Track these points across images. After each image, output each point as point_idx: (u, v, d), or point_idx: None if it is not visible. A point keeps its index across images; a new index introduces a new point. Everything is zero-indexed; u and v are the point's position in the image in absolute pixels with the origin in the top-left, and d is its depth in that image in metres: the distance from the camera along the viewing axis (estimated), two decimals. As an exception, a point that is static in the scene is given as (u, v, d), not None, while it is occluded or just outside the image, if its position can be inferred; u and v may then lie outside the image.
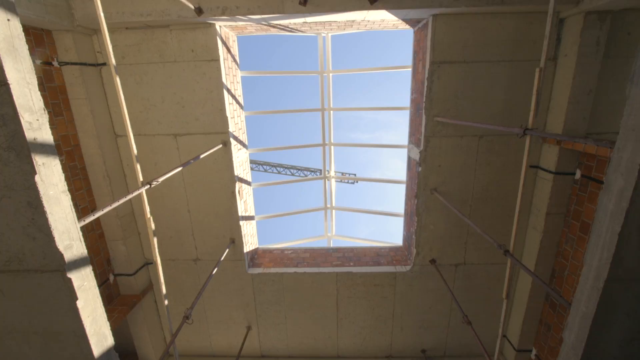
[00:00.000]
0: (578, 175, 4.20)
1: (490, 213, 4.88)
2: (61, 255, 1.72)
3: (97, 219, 4.82)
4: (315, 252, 5.85)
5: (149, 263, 5.41)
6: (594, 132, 4.18)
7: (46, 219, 1.64)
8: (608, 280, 1.69)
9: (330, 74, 5.66)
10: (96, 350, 1.98)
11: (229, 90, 4.69)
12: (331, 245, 6.29)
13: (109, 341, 2.10)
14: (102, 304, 2.04)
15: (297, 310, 5.48)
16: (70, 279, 1.77)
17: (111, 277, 5.04)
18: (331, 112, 5.88)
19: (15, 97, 1.49)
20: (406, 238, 5.71)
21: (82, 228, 1.95)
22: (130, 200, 4.99)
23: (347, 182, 25.69)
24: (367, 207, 13.58)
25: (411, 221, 5.29)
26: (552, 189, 4.36)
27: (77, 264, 1.83)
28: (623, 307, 1.78)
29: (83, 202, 4.45)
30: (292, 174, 26.83)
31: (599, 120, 4.09)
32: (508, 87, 4.31)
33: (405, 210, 5.67)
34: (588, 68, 3.89)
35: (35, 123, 1.60)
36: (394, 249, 5.86)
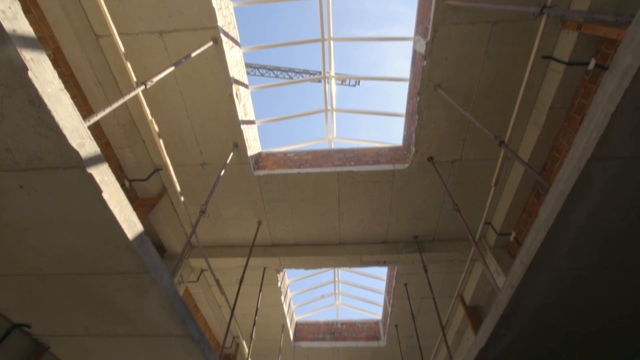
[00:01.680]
0: (592, 65, 3.99)
1: (492, 109, 4.83)
2: (76, 152, 1.82)
3: (100, 128, 4.86)
4: (317, 154, 6.04)
5: (159, 169, 5.69)
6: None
7: (52, 117, 1.68)
8: (590, 159, 1.80)
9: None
10: (130, 235, 2.28)
11: (211, -26, 4.09)
12: (332, 147, 6.45)
13: (139, 227, 2.40)
14: (125, 196, 2.25)
15: (302, 206, 5.99)
16: (91, 174, 1.91)
17: (126, 183, 5.38)
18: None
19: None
20: (406, 137, 5.81)
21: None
22: (128, 107, 4.94)
23: (349, 84, 24.52)
24: (369, 109, 13.24)
25: (412, 120, 5.29)
26: (561, 81, 4.19)
27: (94, 160, 1.95)
28: (598, 184, 1.94)
29: (81, 111, 4.41)
30: (291, 78, 25.43)
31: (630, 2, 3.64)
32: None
33: (407, 109, 5.60)
34: None
35: (9, 11, 1.48)
36: (394, 149, 6.03)
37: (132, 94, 2.64)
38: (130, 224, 2.30)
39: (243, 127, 5.19)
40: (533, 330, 3.15)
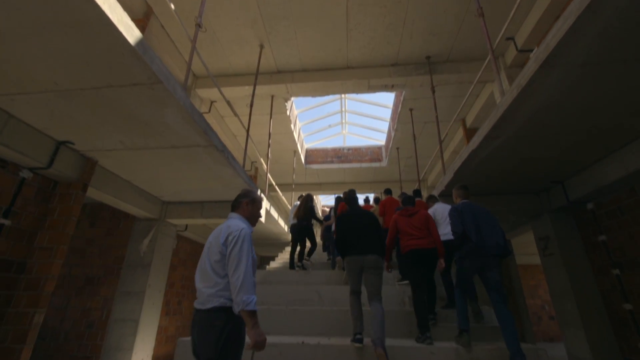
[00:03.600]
0: None
1: None
2: None
3: None
4: (320, -48, 4.91)
5: (137, -20, 4.84)
6: None
7: None
8: None
9: None
10: (130, 39, 2.19)
11: None
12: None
13: (137, 32, 2.27)
14: (109, -8, 2.01)
15: (306, 24, 5.41)
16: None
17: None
18: None
19: None
20: None
21: None
22: None
23: None
24: None
25: None
26: None
27: None
28: None
29: None
30: None
31: None
32: None
33: None
34: None
35: None
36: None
37: None
38: (126, 26, 2.17)
39: None
40: (524, 133, 3.43)
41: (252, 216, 1.92)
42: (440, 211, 4.09)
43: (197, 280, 1.74)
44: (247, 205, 1.91)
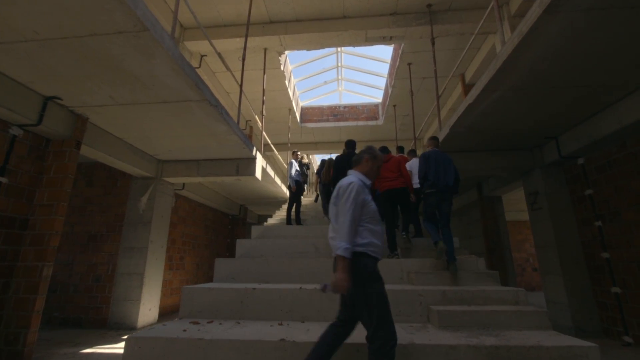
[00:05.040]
0: None
1: None
2: None
3: None
4: None
5: None
6: None
7: None
8: None
9: None
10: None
11: None
12: None
13: (116, -28, 2.11)
14: None
15: (299, -32, 5.00)
16: None
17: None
18: None
19: None
20: None
21: None
22: None
23: None
24: None
25: None
26: None
27: None
28: None
29: None
30: None
31: None
32: None
33: None
34: None
35: None
36: None
37: None
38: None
39: None
40: (522, 86, 3.38)
41: (371, 171, 2.05)
42: (416, 164, 4.66)
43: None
44: (368, 162, 2.05)
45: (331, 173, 5.01)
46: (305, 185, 7.79)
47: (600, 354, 2.11)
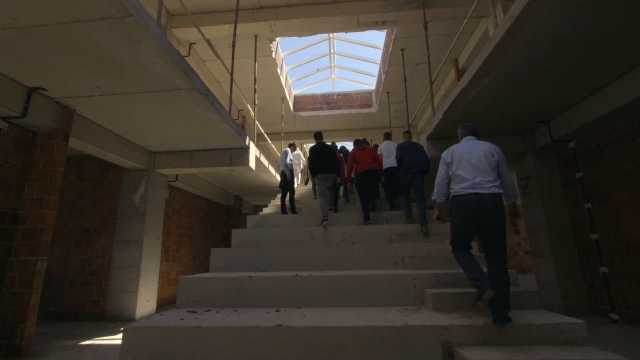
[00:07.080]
0: None
1: None
2: None
3: None
4: None
5: None
6: None
7: None
8: None
9: None
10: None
11: None
12: None
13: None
14: None
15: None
16: None
17: None
18: None
19: None
20: None
21: None
22: None
23: None
24: None
25: None
26: None
27: None
28: None
29: None
30: None
31: None
32: None
33: None
34: None
35: None
36: None
37: None
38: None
39: None
40: (514, 70, 3.37)
41: None
42: (386, 147, 5.69)
43: (473, 174, 2.41)
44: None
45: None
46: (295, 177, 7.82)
47: (588, 330, 2.18)
